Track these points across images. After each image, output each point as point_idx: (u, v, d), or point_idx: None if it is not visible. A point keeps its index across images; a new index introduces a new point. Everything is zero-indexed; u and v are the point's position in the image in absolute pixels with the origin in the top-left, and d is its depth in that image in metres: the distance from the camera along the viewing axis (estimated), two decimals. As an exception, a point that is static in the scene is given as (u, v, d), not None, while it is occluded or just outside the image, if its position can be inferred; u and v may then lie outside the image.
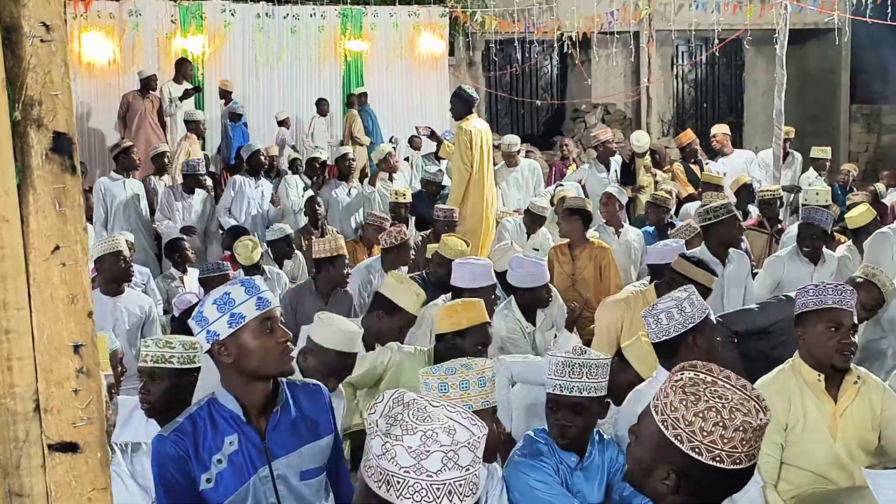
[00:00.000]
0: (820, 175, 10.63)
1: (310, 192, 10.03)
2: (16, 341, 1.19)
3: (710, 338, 3.64)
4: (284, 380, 2.85)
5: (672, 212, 8.74)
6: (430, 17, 15.19)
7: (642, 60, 16.82)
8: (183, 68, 12.47)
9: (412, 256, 7.22)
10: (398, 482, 1.82)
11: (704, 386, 1.93)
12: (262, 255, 7.36)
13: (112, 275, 6.12)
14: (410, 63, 15.07)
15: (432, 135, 9.50)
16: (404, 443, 1.82)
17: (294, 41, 14.30)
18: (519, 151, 10.95)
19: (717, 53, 16.57)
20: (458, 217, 8.11)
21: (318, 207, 9.08)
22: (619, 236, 8.04)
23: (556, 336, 5.91)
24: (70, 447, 1.20)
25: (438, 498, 1.81)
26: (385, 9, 14.95)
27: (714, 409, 1.88)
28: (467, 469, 1.84)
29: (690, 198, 9.60)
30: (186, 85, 12.45)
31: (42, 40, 1.21)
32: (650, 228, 8.44)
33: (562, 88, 18.21)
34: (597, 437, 3.53)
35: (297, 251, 8.28)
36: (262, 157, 10.21)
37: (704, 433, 1.88)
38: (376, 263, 7.16)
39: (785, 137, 10.15)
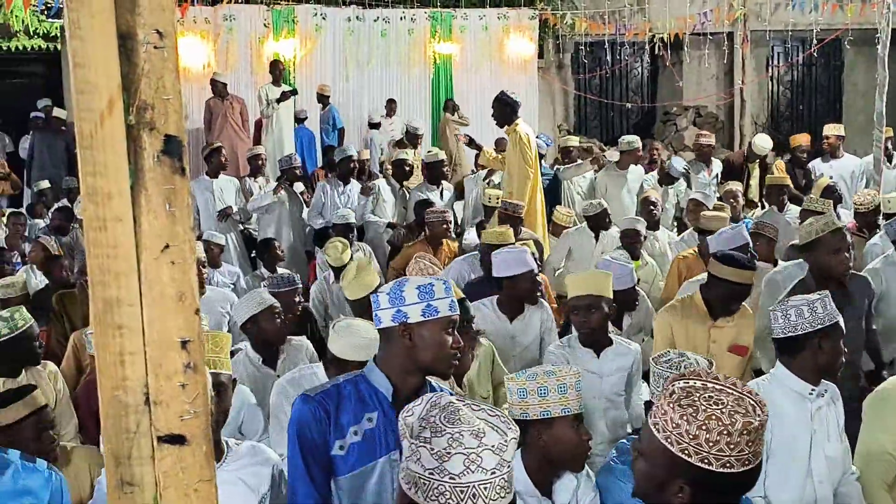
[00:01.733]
0: None
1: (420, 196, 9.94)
2: (128, 336, 1.24)
3: (836, 345, 3.56)
4: (434, 383, 2.94)
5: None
6: (519, 19, 15.17)
7: (736, 62, 16.51)
8: (275, 70, 12.70)
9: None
10: (424, 484, 1.84)
11: (698, 394, 1.93)
12: (350, 257, 7.44)
13: None
14: (499, 66, 15.07)
15: (471, 143, 9.49)
16: (430, 445, 1.84)
17: (384, 44, 14.43)
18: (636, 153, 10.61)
19: (814, 54, 16.18)
20: (522, 212, 8.08)
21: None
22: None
23: (643, 340, 5.89)
24: (178, 439, 1.24)
25: (462, 501, 1.82)
26: (475, 11, 14.99)
27: (714, 418, 1.88)
28: (492, 472, 1.83)
29: (793, 200, 9.39)
30: (284, 87, 12.67)
31: (155, 47, 1.25)
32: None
33: (652, 91, 18.01)
34: None
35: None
36: (353, 164, 10.23)
37: (710, 444, 1.88)
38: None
39: (886, 137, 9.87)
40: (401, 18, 14.52)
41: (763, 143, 10.50)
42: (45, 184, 11.46)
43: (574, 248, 8.14)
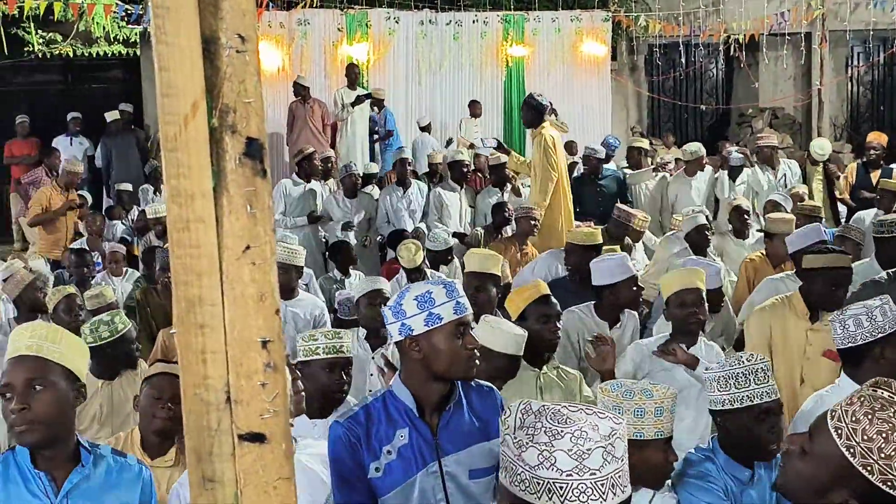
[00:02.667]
0: None
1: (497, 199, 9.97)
2: (210, 335, 1.26)
3: None
4: (458, 385, 2.91)
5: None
6: (592, 21, 15.09)
7: (814, 62, 16.19)
8: (351, 73, 12.82)
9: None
10: (561, 487, 1.80)
11: (894, 409, 1.77)
12: (423, 259, 7.48)
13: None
14: (572, 68, 15.00)
15: (499, 146, 9.44)
16: (559, 447, 1.81)
17: (456, 47, 14.47)
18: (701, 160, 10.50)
19: (896, 54, 15.80)
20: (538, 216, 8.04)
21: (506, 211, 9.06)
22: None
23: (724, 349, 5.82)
24: (258, 437, 1.26)
25: (604, 494, 1.79)
26: (547, 14, 14.95)
27: (888, 424, 1.75)
28: (622, 459, 1.83)
29: (864, 203, 9.17)
30: (360, 91, 12.78)
31: (238, 51, 1.27)
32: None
33: (727, 92, 17.76)
34: None
35: (454, 258, 8.35)
36: (408, 165, 10.35)
37: (866, 437, 1.76)
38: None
39: None
40: (473, 21, 14.55)
41: (821, 147, 10.25)
42: (126, 185, 11.70)
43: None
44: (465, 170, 10.48)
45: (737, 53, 15.61)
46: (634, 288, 5.55)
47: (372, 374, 5.29)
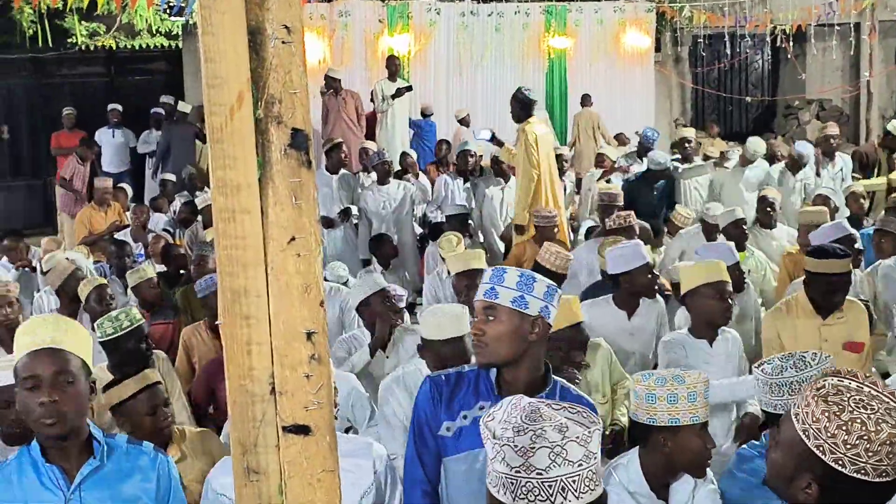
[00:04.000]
0: None
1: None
2: (255, 327, 1.26)
3: None
4: (560, 381, 2.95)
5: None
6: (635, 12, 14.95)
7: (863, 53, 15.91)
8: (392, 64, 12.81)
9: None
10: (511, 483, 1.82)
11: (849, 394, 1.85)
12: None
13: None
14: (615, 60, 14.87)
15: (493, 138, 9.35)
16: (513, 443, 1.81)
17: (498, 39, 14.40)
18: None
19: (947, 44, 15.48)
20: (557, 221, 7.94)
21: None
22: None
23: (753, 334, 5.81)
24: (302, 429, 1.26)
25: (551, 496, 1.79)
26: (590, 5, 14.83)
27: (859, 421, 1.80)
28: (579, 465, 1.81)
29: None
30: (400, 83, 12.77)
31: (283, 42, 1.27)
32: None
33: (773, 84, 17.54)
34: None
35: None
36: (472, 157, 10.30)
37: (848, 446, 1.80)
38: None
39: None
40: (515, 13, 14.47)
41: (755, 146, 10.03)
42: (170, 176, 11.77)
43: (687, 251, 7.94)
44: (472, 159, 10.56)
45: (783, 44, 15.39)
46: (650, 275, 5.52)
47: None
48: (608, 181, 9.92)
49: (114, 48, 14.51)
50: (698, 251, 5.93)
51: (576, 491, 1.81)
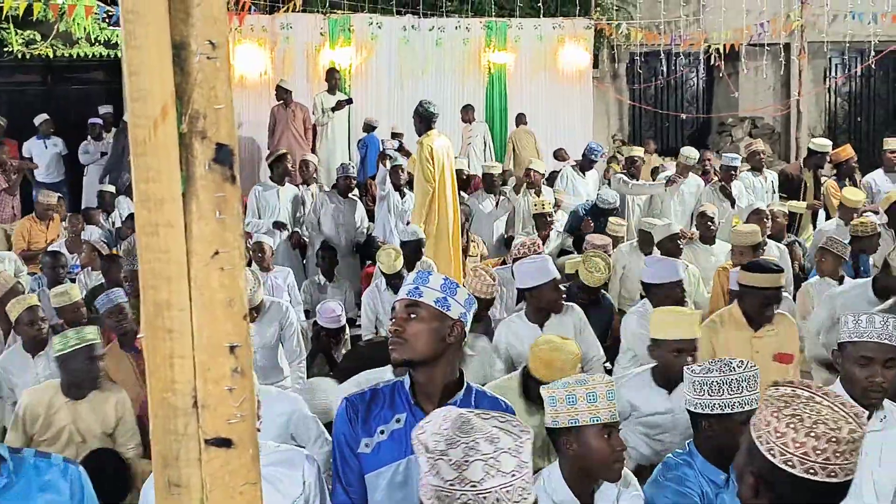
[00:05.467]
0: None
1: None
2: (177, 340, 1.26)
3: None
4: (475, 386, 2.98)
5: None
6: (574, 29, 15.14)
7: (793, 73, 16.29)
8: (331, 78, 12.80)
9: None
10: (445, 496, 1.84)
11: (798, 400, 1.94)
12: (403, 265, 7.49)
13: None
14: (554, 75, 15.05)
15: (400, 147, 9.42)
16: (447, 456, 1.84)
17: (439, 53, 14.49)
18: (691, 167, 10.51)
19: (873, 66, 15.92)
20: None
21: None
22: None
23: None
24: (224, 442, 1.26)
25: None
26: (529, 21, 14.99)
27: (797, 417, 1.90)
28: (512, 475, 1.83)
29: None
30: (340, 96, 12.77)
31: (208, 57, 1.27)
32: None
33: (708, 101, 17.87)
34: None
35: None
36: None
37: (778, 434, 1.90)
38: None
39: None
40: (455, 28, 14.57)
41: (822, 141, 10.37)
42: (108, 188, 11.61)
43: (628, 266, 8.05)
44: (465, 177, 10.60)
45: (717, 63, 15.70)
46: (556, 290, 5.62)
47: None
48: (538, 193, 10.04)
49: (51, 56, 14.29)
50: (646, 263, 6.00)
51: (509, 501, 1.83)
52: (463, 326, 2.84)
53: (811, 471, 1.88)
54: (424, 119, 8.41)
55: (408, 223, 9.48)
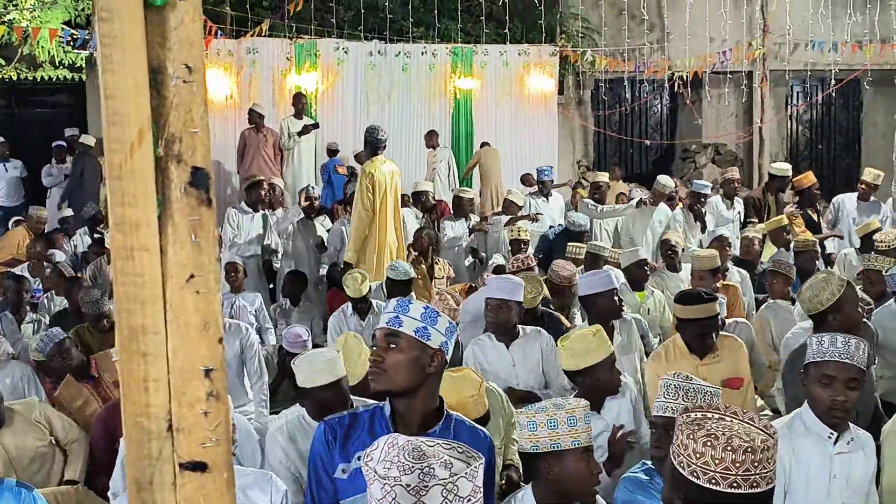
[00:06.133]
0: None
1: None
2: (152, 364, 1.26)
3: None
4: (455, 416, 2.95)
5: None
6: (540, 55, 15.26)
7: (755, 101, 16.57)
8: (298, 103, 12.81)
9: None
10: None
11: (709, 421, 2.03)
12: (370, 289, 7.48)
13: None
14: (520, 101, 15.15)
15: (352, 174, 9.44)
16: (402, 483, 1.84)
17: (405, 79, 14.53)
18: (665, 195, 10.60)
19: (833, 94, 16.20)
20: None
21: (423, 238, 9.20)
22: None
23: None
24: (199, 466, 1.26)
25: None
26: (495, 47, 15.10)
27: (712, 436, 1.97)
28: (468, 500, 1.86)
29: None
30: (307, 120, 12.77)
31: (184, 81, 1.28)
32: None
33: (671, 128, 18.07)
34: None
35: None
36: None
37: (697, 454, 1.96)
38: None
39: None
40: (422, 53, 14.64)
41: (664, 182, 10.53)
42: (68, 212, 11.54)
43: None
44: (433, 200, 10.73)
45: (681, 90, 15.90)
46: (614, 299, 5.77)
47: None
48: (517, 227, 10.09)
49: (15, 79, 14.19)
50: (580, 277, 6.16)
51: None
52: (444, 355, 2.83)
53: (735, 485, 1.94)
54: (370, 145, 8.44)
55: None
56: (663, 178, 10.64)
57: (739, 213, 10.45)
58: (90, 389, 5.75)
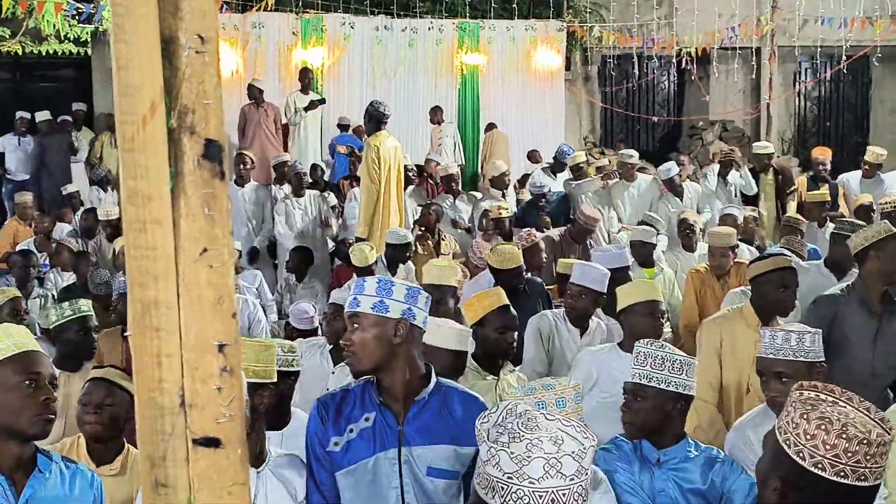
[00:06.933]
0: None
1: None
2: (165, 339, 1.24)
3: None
4: (444, 381, 3.02)
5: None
6: (547, 31, 15.17)
7: (763, 77, 16.44)
8: (304, 78, 12.76)
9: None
10: (502, 488, 1.83)
11: (824, 404, 1.94)
12: (375, 260, 7.53)
13: None
14: (526, 77, 15.07)
15: (352, 153, 9.43)
16: (509, 449, 1.83)
17: (411, 54, 14.46)
18: (636, 166, 10.72)
19: (842, 70, 16.09)
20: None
21: (430, 214, 9.19)
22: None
23: None
24: (213, 442, 1.25)
25: None
26: (502, 23, 15.01)
27: (826, 419, 1.89)
28: (571, 479, 1.82)
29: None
30: (313, 96, 12.72)
31: (197, 52, 1.26)
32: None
33: (679, 105, 17.98)
34: (701, 452, 3.44)
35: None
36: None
37: (809, 436, 1.89)
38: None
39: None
40: (428, 29, 14.56)
41: (763, 147, 10.59)
42: (73, 187, 11.55)
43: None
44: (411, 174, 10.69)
45: (688, 66, 15.80)
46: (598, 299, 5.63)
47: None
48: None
49: (20, 53, 14.13)
50: (594, 254, 6.09)
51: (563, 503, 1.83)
52: (408, 323, 2.86)
53: (842, 474, 1.87)
54: (374, 119, 8.36)
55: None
56: (627, 151, 10.75)
57: (737, 186, 10.45)
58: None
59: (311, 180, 10.80)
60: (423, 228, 9.16)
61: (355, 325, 2.85)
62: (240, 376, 1.27)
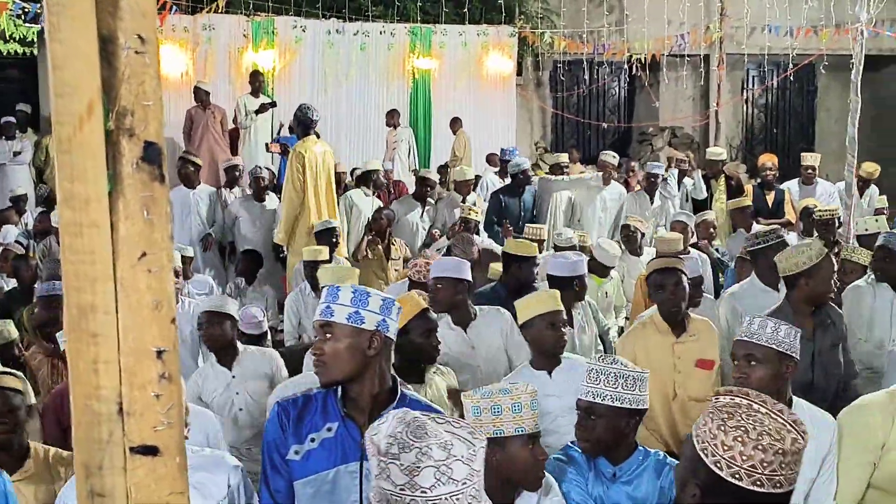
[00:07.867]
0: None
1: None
2: (103, 344, 1.21)
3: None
4: (409, 394, 2.98)
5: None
6: (498, 36, 15.23)
7: (712, 84, 16.65)
8: (255, 81, 12.67)
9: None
10: (396, 500, 1.83)
11: (739, 409, 1.98)
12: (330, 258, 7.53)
13: None
14: (478, 82, 15.13)
15: (284, 151, 9.42)
16: (399, 460, 1.83)
17: (363, 58, 14.45)
18: (615, 167, 10.64)
19: (789, 78, 16.35)
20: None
21: (382, 219, 9.16)
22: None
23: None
24: (150, 450, 1.22)
25: None
26: (454, 27, 15.04)
27: (742, 429, 1.94)
28: (463, 483, 1.83)
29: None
30: (263, 99, 12.64)
31: (136, 52, 1.23)
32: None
33: (629, 111, 18.13)
34: (650, 459, 3.46)
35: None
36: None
37: (725, 447, 1.93)
38: None
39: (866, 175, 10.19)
40: (380, 33, 14.55)
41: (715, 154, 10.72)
42: (21, 190, 11.37)
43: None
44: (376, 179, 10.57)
45: (639, 73, 15.94)
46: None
47: None
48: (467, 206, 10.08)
49: (-36, 54, 13.86)
50: (548, 261, 6.07)
51: None
52: (382, 336, 2.81)
53: (758, 483, 1.92)
54: (302, 124, 8.24)
55: None
56: (606, 153, 10.70)
57: (687, 190, 10.60)
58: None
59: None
60: (373, 233, 9.11)
61: (328, 335, 2.78)
62: (179, 383, 1.25)
